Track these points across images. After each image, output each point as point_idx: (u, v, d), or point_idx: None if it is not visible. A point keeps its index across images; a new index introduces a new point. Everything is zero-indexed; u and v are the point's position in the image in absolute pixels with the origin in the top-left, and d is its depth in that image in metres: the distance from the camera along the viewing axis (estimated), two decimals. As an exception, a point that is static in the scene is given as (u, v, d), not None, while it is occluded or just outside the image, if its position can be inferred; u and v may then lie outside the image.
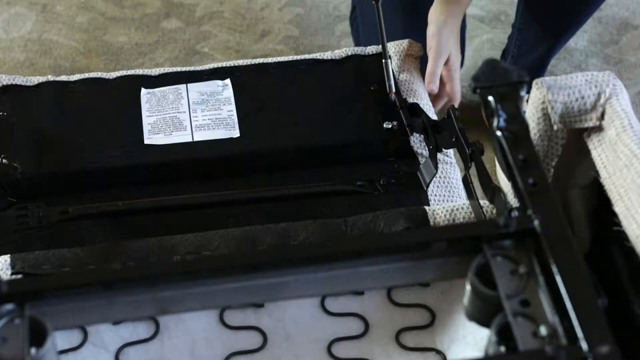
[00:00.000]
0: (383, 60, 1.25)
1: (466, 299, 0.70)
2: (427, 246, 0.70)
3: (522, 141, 0.74)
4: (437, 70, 1.31)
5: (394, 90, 1.24)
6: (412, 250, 0.71)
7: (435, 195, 1.15)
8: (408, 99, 1.25)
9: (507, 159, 0.74)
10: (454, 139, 1.12)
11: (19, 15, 1.89)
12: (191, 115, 1.22)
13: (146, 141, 1.18)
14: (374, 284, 0.73)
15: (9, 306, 0.67)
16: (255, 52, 1.81)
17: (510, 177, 0.74)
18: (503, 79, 0.75)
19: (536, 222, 0.69)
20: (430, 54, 1.31)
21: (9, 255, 0.95)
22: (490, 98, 0.75)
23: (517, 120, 0.74)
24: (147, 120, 1.21)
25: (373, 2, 1.23)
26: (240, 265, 0.70)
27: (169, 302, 0.71)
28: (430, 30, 1.33)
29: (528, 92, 0.86)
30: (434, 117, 1.25)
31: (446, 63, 1.33)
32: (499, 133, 0.74)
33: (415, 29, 1.38)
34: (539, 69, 1.60)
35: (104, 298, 0.69)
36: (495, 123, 0.74)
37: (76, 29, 1.86)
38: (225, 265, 0.70)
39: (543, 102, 0.85)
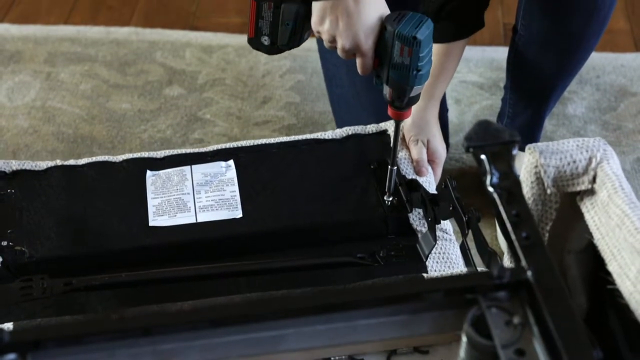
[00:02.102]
0: (389, 167, 1.24)
1: (462, 350, 0.71)
2: (422, 297, 0.71)
3: (515, 197, 0.75)
4: (422, 156, 1.32)
5: (392, 192, 1.25)
6: (408, 301, 0.72)
7: (434, 270, 1.17)
8: (407, 175, 1.27)
9: (501, 216, 0.75)
10: (451, 208, 1.13)
11: (23, 83, 1.92)
12: (195, 197, 1.24)
13: (151, 223, 1.21)
14: (371, 336, 0.74)
15: (11, 356, 0.67)
16: (256, 118, 1.83)
17: (504, 232, 0.75)
18: (495, 139, 0.76)
19: (529, 274, 0.70)
20: (410, 143, 1.34)
21: (12, 323, 0.96)
22: (483, 157, 0.76)
23: (509, 178, 0.76)
24: (152, 202, 1.23)
25: (394, 123, 1.22)
26: (239, 315, 0.70)
27: (169, 354, 0.71)
28: (406, 125, 1.36)
29: (522, 149, 0.87)
30: (433, 190, 1.27)
31: (430, 152, 1.36)
32: (491, 190, 0.75)
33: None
34: (535, 127, 1.61)
35: (105, 349, 0.70)
36: (488, 181, 0.76)
37: (80, 96, 1.88)
38: (224, 316, 0.70)
39: (536, 167, 0.86)
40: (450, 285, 0.73)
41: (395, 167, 1.24)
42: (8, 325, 0.96)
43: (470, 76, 1.92)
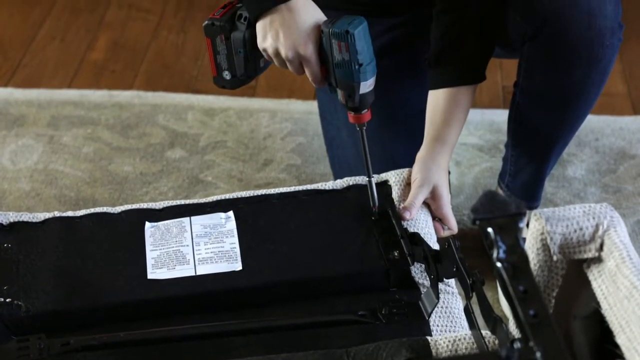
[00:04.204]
0: (367, 179, 1.28)
1: None
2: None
3: (522, 272, 0.74)
4: (416, 201, 1.29)
5: (377, 204, 1.27)
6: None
7: (438, 326, 1.15)
8: (409, 228, 1.26)
9: (507, 290, 0.74)
10: (455, 269, 1.13)
11: (26, 147, 1.93)
12: (194, 249, 1.22)
13: (149, 276, 1.19)
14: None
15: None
16: (258, 180, 1.84)
17: (511, 307, 0.74)
18: (501, 211, 0.76)
19: (538, 354, 0.69)
20: (414, 185, 1.32)
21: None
22: (490, 230, 0.75)
23: (516, 252, 0.75)
24: (150, 254, 1.22)
25: (358, 129, 1.27)
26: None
27: None
28: (416, 166, 1.35)
29: (529, 208, 0.87)
30: (435, 246, 1.26)
31: (436, 199, 1.34)
32: (499, 264, 0.75)
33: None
34: (536, 185, 1.61)
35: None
36: (495, 254, 0.75)
37: (82, 159, 1.89)
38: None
39: (542, 234, 0.86)
40: (458, 365, 0.72)
41: (373, 179, 1.27)
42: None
43: (470, 138, 1.93)
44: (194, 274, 1.19)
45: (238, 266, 1.20)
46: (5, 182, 1.84)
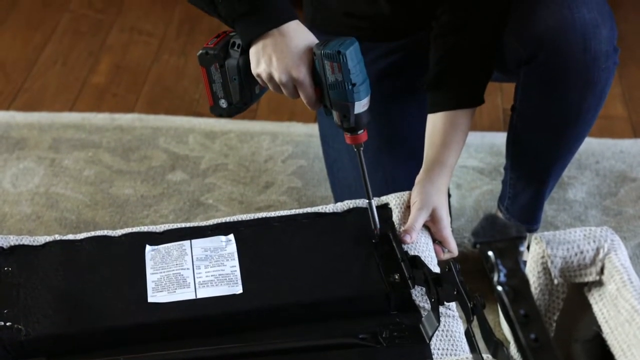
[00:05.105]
0: (367, 201, 1.28)
1: None
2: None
3: (523, 296, 0.74)
4: (416, 224, 1.29)
5: (378, 226, 1.27)
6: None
7: (438, 349, 1.14)
8: (409, 252, 1.26)
9: (508, 314, 0.74)
10: (456, 292, 1.13)
11: (27, 170, 1.93)
12: (195, 272, 1.22)
13: (150, 299, 1.19)
14: None
15: None
16: (258, 203, 1.84)
17: (512, 331, 0.74)
18: (502, 235, 0.76)
19: (539, 379, 0.68)
20: (413, 208, 1.32)
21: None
22: (490, 253, 0.76)
23: (517, 275, 0.75)
24: (151, 277, 1.22)
25: (355, 149, 1.27)
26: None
27: None
28: (415, 189, 1.35)
29: (529, 231, 0.87)
30: (436, 269, 1.26)
31: (435, 222, 1.34)
32: (499, 288, 0.75)
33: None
34: (536, 208, 1.61)
35: None
36: (495, 278, 0.75)
37: (83, 182, 1.89)
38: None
39: (543, 257, 0.86)
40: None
41: (373, 201, 1.27)
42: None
43: (470, 161, 1.94)
44: (194, 297, 1.19)
45: (239, 289, 1.20)
46: (7, 205, 1.84)
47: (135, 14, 2.47)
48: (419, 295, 1.21)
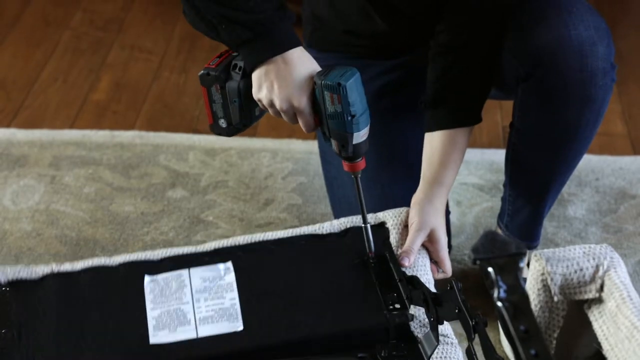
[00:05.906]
0: (362, 225, 1.28)
1: None
2: None
3: (523, 312, 0.74)
4: (414, 246, 1.30)
5: (373, 251, 1.28)
6: None
7: (438, 371, 1.15)
8: (407, 272, 1.26)
9: (508, 330, 0.74)
10: (457, 310, 1.12)
11: (27, 187, 1.93)
12: (194, 306, 1.22)
13: (152, 340, 1.18)
14: None
15: None
16: (259, 220, 1.84)
17: (513, 347, 0.74)
18: (502, 251, 0.76)
19: (540, 396, 0.68)
20: (411, 229, 1.33)
21: None
22: (490, 270, 0.76)
23: (517, 292, 0.75)
24: (151, 313, 1.22)
25: (352, 176, 1.27)
26: None
27: None
28: (413, 209, 1.35)
29: (528, 247, 0.87)
30: (434, 289, 1.26)
31: (433, 242, 1.34)
32: (499, 304, 0.75)
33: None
34: (535, 224, 1.61)
35: None
36: (495, 294, 0.75)
37: (83, 199, 1.90)
38: None
39: (542, 274, 0.86)
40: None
41: (369, 225, 1.27)
42: None
43: (470, 178, 1.94)
44: (195, 337, 1.19)
45: (239, 326, 1.20)
46: (7, 223, 1.84)
47: (136, 32, 2.48)
48: (418, 328, 1.20)
